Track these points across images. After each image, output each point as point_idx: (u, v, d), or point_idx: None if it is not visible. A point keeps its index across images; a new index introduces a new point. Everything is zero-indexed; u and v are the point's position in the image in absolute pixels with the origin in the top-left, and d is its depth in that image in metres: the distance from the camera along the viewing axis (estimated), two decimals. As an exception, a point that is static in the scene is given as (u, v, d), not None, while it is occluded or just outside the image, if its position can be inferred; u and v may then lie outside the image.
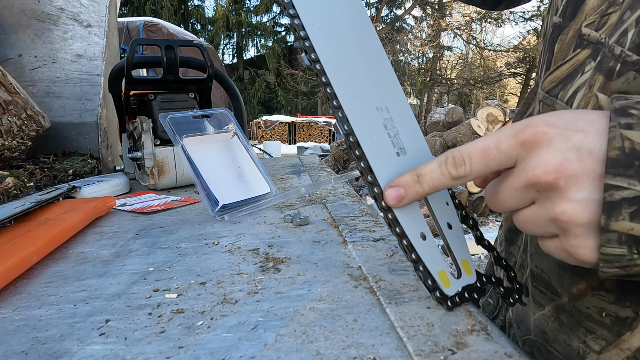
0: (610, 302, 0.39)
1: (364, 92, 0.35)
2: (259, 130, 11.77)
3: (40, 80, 1.05)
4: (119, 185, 0.83)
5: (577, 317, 0.42)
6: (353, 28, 0.37)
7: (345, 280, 0.40)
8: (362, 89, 0.35)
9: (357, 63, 0.36)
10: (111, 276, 0.43)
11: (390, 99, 0.37)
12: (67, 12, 1.10)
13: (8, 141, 0.81)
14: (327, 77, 0.34)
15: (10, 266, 0.41)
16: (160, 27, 5.60)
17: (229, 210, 0.64)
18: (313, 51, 0.34)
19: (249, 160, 0.74)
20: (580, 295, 0.41)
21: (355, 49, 0.36)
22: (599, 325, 0.40)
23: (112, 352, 0.29)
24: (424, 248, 0.33)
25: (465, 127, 5.01)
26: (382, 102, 0.36)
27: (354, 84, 0.35)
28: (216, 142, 0.73)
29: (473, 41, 12.29)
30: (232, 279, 0.41)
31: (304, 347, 0.29)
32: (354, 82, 0.35)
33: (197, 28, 15.83)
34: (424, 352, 0.28)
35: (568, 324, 0.43)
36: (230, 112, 0.77)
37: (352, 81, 0.35)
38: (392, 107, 0.36)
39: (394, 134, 0.36)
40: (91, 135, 1.04)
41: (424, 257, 0.33)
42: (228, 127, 0.75)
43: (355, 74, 0.35)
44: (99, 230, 0.60)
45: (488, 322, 0.31)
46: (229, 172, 0.70)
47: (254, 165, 0.73)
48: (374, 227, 0.56)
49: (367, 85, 0.36)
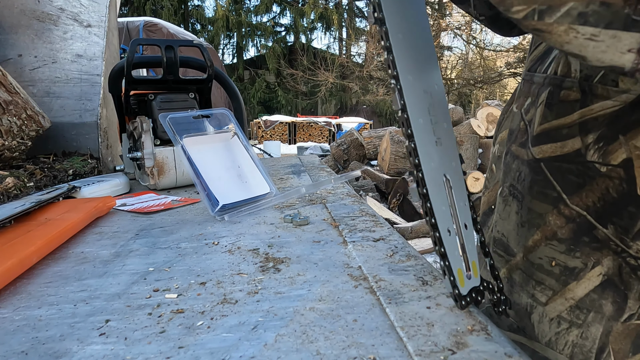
0: (561, 251, 0.41)
1: (416, 70, 0.35)
2: (259, 130, 11.76)
3: (40, 80, 1.05)
4: (119, 185, 0.83)
5: (529, 270, 0.44)
6: (413, 4, 0.36)
7: (345, 280, 0.40)
8: (416, 67, 0.35)
9: (415, 39, 0.36)
10: (111, 276, 0.43)
11: (432, 85, 0.36)
12: (67, 12, 1.10)
13: (8, 141, 0.81)
14: (390, 43, 0.33)
15: (10, 266, 0.41)
16: (160, 27, 5.59)
17: (229, 211, 0.64)
18: (381, 11, 0.33)
19: (249, 160, 0.74)
20: (534, 247, 0.44)
21: (414, 24, 0.36)
22: (548, 275, 0.42)
23: (112, 352, 0.29)
24: (449, 243, 0.34)
25: (465, 127, 5.01)
26: (428, 86, 0.36)
27: (410, 58, 0.35)
28: (216, 142, 0.73)
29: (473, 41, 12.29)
30: (232, 279, 0.41)
31: (304, 347, 0.29)
32: (411, 56, 0.35)
33: (197, 28, 15.83)
34: (424, 352, 0.28)
35: (519, 282, 0.46)
36: (230, 112, 0.77)
37: (409, 55, 0.35)
38: (434, 94, 0.36)
39: (435, 121, 0.36)
40: (91, 135, 1.04)
41: (449, 252, 0.34)
42: (228, 127, 0.75)
43: (412, 49, 0.35)
44: (99, 230, 0.60)
45: (488, 322, 0.31)
46: (228, 172, 0.70)
47: (254, 165, 0.73)
48: (374, 227, 0.56)
49: (420, 64, 0.36)
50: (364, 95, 14.79)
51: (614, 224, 0.37)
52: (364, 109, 15.31)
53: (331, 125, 11.42)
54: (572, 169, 0.40)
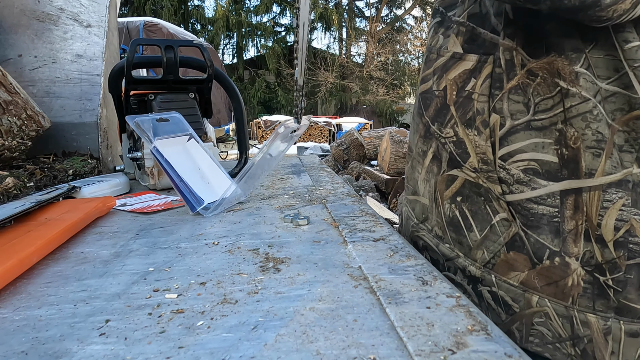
0: (420, 142, 0.65)
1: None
2: (259, 130, 11.76)
3: (40, 80, 1.05)
4: (119, 185, 0.83)
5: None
6: None
7: (345, 280, 0.40)
8: None
9: None
10: (111, 276, 0.43)
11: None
12: (67, 12, 1.10)
13: (8, 141, 0.81)
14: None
15: (10, 266, 0.41)
16: (160, 27, 5.60)
17: (210, 209, 0.66)
18: None
19: (210, 162, 0.75)
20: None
21: None
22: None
23: (112, 352, 0.29)
24: None
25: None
26: None
27: None
28: (176, 145, 0.74)
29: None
30: (232, 279, 0.41)
31: (304, 347, 0.29)
32: None
33: (197, 28, 15.82)
34: (424, 352, 0.28)
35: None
36: (181, 116, 0.79)
37: None
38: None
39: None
40: (91, 135, 1.04)
41: None
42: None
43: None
44: (99, 230, 0.60)
45: (488, 322, 0.31)
46: (192, 174, 0.70)
47: (216, 166, 0.75)
48: (374, 227, 0.56)
49: None
50: (363, 95, 14.78)
51: (437, 122, 0.59)
52: (363, 109, 15.31)
53: (331, 126, 11.41)
54: (428, 96, 0.62)
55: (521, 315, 0.49)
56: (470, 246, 0.54)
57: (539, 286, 0.48)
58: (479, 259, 0.53)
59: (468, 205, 0.54)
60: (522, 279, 0.49)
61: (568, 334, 0.47)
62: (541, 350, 0.49)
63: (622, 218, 0.44)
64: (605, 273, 0.45)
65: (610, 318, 0.45)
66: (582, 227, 0.45)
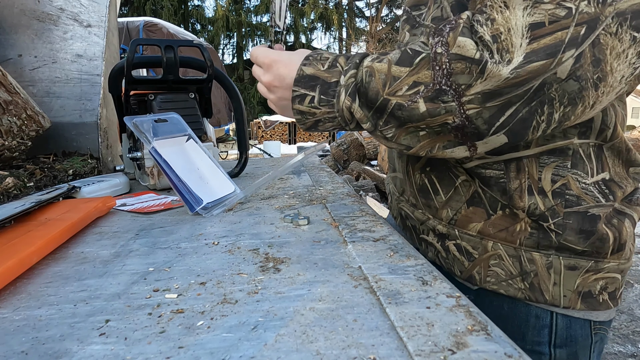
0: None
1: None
2: (259, 130, 11.77)
3: (40, 80, 1.05)
4: (119, 185, 0.83)
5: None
6: None
7: (345, 280, 0.40)
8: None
9: None
10: (111, 276, 0.43)
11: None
12: (67, 12, 1.10)
13: (8, 141, 0.81)
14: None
15: (10, 266, 0.41)
16: (160, 27, 5.59)
17: (210, 209, 0.66)
18: None
19: (208, 162, 0.75)
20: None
21: None
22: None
23: (112, 352, 0.29)
24: None
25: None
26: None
27: None
28: (174, 145, 0.74)
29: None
30: (232, 279, 0.41)
31: (304, 347, 0.29)
32: None
33: (197, 28, 15.82)
34: (424, 352, 0.28)
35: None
36: (180, 117, 0.79)
37: None
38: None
39: None
40: (91, 135, 1.04)
41: None
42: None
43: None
44: (99, 230, 0.60)
45: (488, 322, 0.31)
46: (191, 174, 0.71)
47: (215, 166, 0.75)
48: (374, 227, 0.56)
49: None
50: (364, 95, 14.71)
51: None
52: (364, 109, 15.27)
53: (331, 125, 11.39)
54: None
55: (480, 260, 0.57)
56: (436, 207, 0.61)
57: (493, 232, 0.55)
58: (444, 217, 0.60)
59: (435, 174, 0.61)
60: (478, 228, 0.56)
61: (518, 271, 0.54)
62: (497, 287, 0.56)
63: (559, 173, 0.51)
64: (547, 219, 0.52)
65: (551, 255, 0.52)
66: (526, 184, 0.53)
